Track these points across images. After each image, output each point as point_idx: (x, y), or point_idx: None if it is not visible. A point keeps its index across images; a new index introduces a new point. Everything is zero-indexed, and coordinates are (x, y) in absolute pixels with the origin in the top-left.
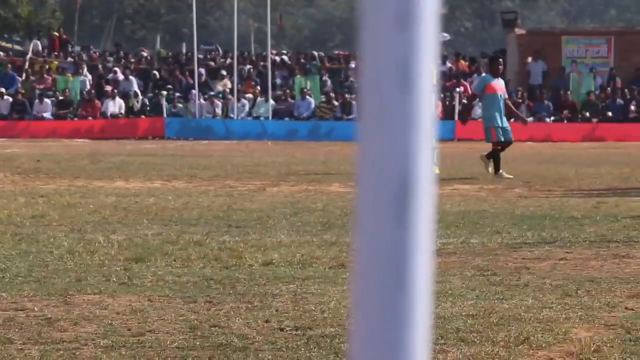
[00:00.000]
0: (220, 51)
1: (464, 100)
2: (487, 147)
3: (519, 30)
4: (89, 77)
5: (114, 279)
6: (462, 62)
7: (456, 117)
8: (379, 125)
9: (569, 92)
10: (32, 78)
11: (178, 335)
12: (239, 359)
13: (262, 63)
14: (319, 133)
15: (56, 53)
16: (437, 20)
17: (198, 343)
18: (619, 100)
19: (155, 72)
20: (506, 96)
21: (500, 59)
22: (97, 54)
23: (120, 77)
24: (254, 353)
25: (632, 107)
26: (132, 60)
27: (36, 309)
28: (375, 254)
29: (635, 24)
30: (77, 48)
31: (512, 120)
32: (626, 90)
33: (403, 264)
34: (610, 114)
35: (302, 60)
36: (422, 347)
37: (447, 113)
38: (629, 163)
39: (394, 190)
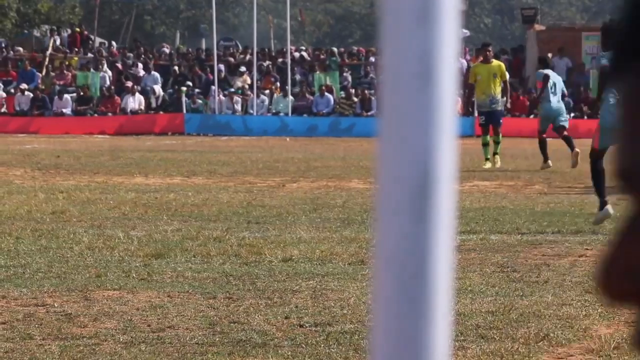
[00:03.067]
0: (240, 47)
1: None
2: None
3: (538, 27)
4: (109, 73)
5: (134, 275)
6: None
7: (476, 113)
8: (399, 121)
9: (589, 89)
10: (52, 74)
11: (197, 331)
12: (259, 355)
13: (281, 59)
14: (339, 129)
15: (77, 49)
16: (458, 15)
17: (217, 339)
18: None
19: (175, 68)
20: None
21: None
22: (118, 50)
23: (140, 73)
24: (274, 349)
25: None
26: (152, 56)
27: (56, 305)
28: (395, 250)
29: None
30: (97, 44)
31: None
32: None
33: (423, 261)
34: None
35: (322, 56)
36: (443, 343)
37: (466, 109)
38: None
39: (414, 186)
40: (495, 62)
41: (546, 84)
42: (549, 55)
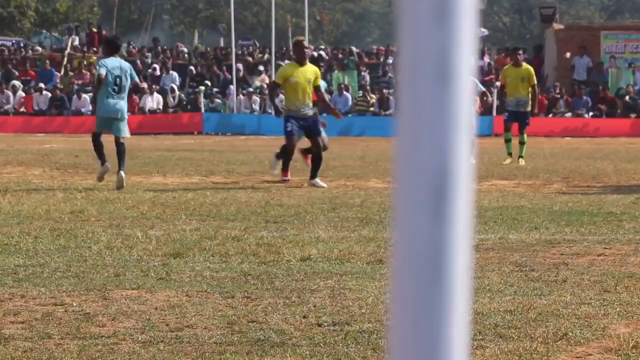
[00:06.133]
0: (258, 46)
1: None
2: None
3: (557, 25)
4: None
5: (152, 274)
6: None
7: (494, 113)
8: (417, 120)
9: (607, 88)
10: (71, 73)
11: (216, 331)
12: (277, 354)
13: None
14: (356, 128)
15: (95, 48)
16: (475, 14)
17: (236, 338)
18: None
19: (192, 67)
20: None
21: None
22: (136, 49)
23: (158, 72)
24: (292, 348)
25: None
26: (170, 55)
27: (74, 304)
28: (413, 249)
29: None
30: None
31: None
32: None
33: (441, 259)
34: None
35: (340, 56)
36: (460, 342)
37: (485, 108)
38: None
39: (432, 185)
40: (525, 66)
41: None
42: (568, 54)
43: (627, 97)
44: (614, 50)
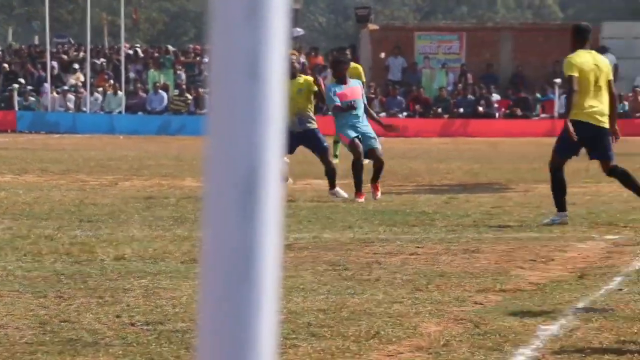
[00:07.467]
0: (73, 44)
1: None
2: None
3: (372, 26)
4: None
5: None
6: (320, 56)
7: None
8: (228, 117)
9: (421, 88)
10: None
11: (27, 331)
12: (89, 354)
13: (115, 56)
14: (172, 127)
15: None
16: (287, 12)
17: (48, 338)
18: (470, 96)
19: (6, 65)
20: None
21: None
22: None
23: None
24: (104, 348)
25: (482, 103)
26: None
27: None
28: (222, 247)
29: (486, 21)
30: None
31: None
32: (476, 87)
33: (250, 257)
34: (461, 109)
35: (156, 54)
36: (269, 340)
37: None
38: (479, 159)
39: (241, 183)
40: (353, 64)
41: None
42: (382, 54)
43: (440, 101)
44: (427, 50)
